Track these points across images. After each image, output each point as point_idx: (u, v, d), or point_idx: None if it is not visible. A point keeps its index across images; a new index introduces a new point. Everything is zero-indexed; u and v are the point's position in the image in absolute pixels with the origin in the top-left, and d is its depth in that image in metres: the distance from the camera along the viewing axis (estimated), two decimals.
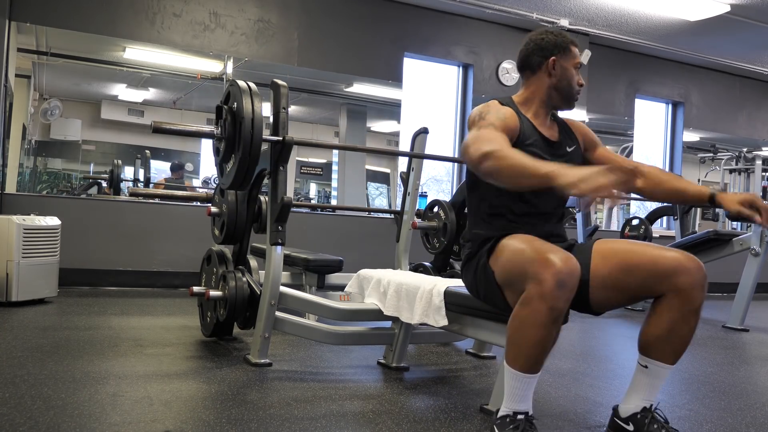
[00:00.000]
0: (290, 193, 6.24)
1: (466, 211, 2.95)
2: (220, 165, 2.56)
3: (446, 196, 5.99)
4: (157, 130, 2.33)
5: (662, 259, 1.69)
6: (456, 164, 6.17)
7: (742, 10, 5.42)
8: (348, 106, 6.53)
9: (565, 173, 1.47)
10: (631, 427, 1.78)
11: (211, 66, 5.33)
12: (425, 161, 3.32)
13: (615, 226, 7.22)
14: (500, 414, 1.71)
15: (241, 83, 2.43)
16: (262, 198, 2.94)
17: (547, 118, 2.00)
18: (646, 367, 1.77)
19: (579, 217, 5.08)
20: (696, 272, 1.68)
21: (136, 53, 5.23)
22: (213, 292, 2.66)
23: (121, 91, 6.10)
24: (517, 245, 1.73)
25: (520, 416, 1.67)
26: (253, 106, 2.35)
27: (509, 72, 6.15)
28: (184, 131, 2.55)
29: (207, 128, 2.52)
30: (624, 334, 4.06)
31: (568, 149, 1.97)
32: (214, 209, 2.95)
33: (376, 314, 2.48)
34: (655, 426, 1.74)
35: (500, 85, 6.13)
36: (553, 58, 1.92)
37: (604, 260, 1.77)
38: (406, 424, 1.89)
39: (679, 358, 1.76)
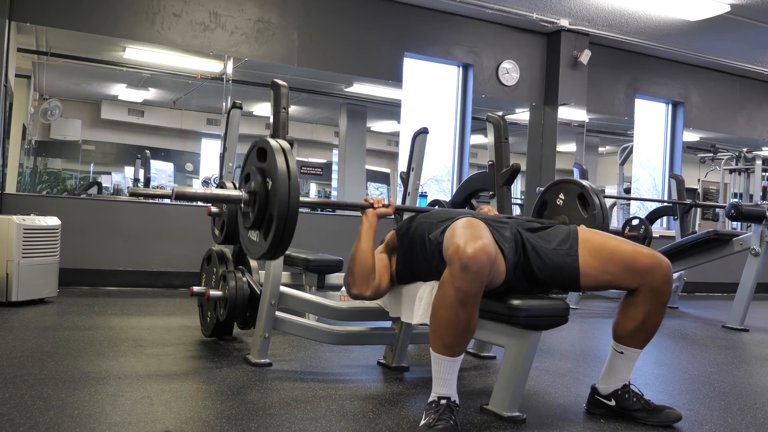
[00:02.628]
0: None
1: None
2: (247, 231, 2.19)
3: (446, 196, 5.98)
4: (180, 196, 2.03)
5: (640, 256, 1.93)
6: (456, 164, 6.17)
7: (742, 10, 5.42)
8: (348, 106, 6.53)
9: None
10: (612, 402, 2.05)
11: (211, 66, 5.33)
12: (425, 162, 3.32)
13: (615, 225, 7.22)
14: (429, 400, 1.85)
15: (273, 143, 2.02)
16: None
17: None
18: (622, 353, 2.02)
19: None
20: (667, 270, 1.92)
21: (136, 53, 5.23)
22: (213, 292, 2.66)
23: (121, 91, 6.10)
24: (454, 230, 1.86)
25: (443, 401, 1.80)
26: (289, 170, 1.94)
27: (509, 72, 6.15)
28: (209, 197, 2.39)
29: (235, 193, 2.10)
30: None
31: None
32: (214, 209, 2.95)
33: (376, 314, 2.48)
34: (635, 399, 2.03)
35: (500, 85, 6.13)
36: None
37: (587, 243, 1.99)
38: (406, 424, 1.89)
39: (648, 343, 2.02)
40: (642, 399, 2.03)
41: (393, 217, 3.61)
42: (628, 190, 7.44)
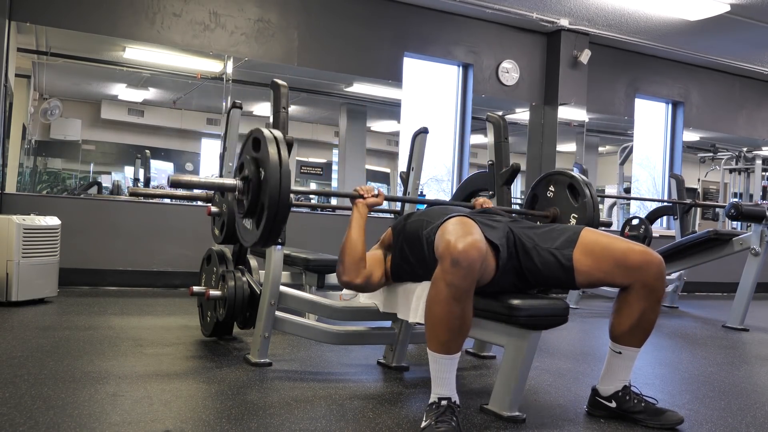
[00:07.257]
0: None
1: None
2: (242, 218, 2.28)
3: (446, 196, 5.98)
4: (175, 183, 2.09)
5: (632, 252, 1.91)
6: (456, 164, 6.17)
7: (742, 9, 5.42)
8: (348, 105, 6.53)
9: None
10: (613, 404, 2.05)
11: (211, 66, 5.33)
12: (425, 162, 3.32)
13: (615, 225, 7.22)
14: (429, 402, 1.83)
15: (266, 132, 2.09)
16: None
17: None
18: (620, 353, 2.02)
19: None
20: (659, 266, 1.91)
21: (136, 53, 5.23)
22: (213, 292, 2.66)
23: (121, 90, 6.10)
24: (445, 228, 1.87)
25: (443, 402, 1.80)
26: (281, 159, 2.02)
27: (509, 72, 6.15)
28: (204, 184, 2.26)
29: (230, 182, 2.17)
30: None
31: None
32: (214, 209, 2.95)
33: (376, 314, 2.48)
34: (635, 401, 2.03)
35: (500, 85, 6.13)
36: None
37: (580, 241, 1.98)
38: (406, 424, 1.89)
39: (645, 341, 2.01)
40: (643, 400, 2.02)
41: (393, 217, 3.62)
42: (628, 190, 7.44)
